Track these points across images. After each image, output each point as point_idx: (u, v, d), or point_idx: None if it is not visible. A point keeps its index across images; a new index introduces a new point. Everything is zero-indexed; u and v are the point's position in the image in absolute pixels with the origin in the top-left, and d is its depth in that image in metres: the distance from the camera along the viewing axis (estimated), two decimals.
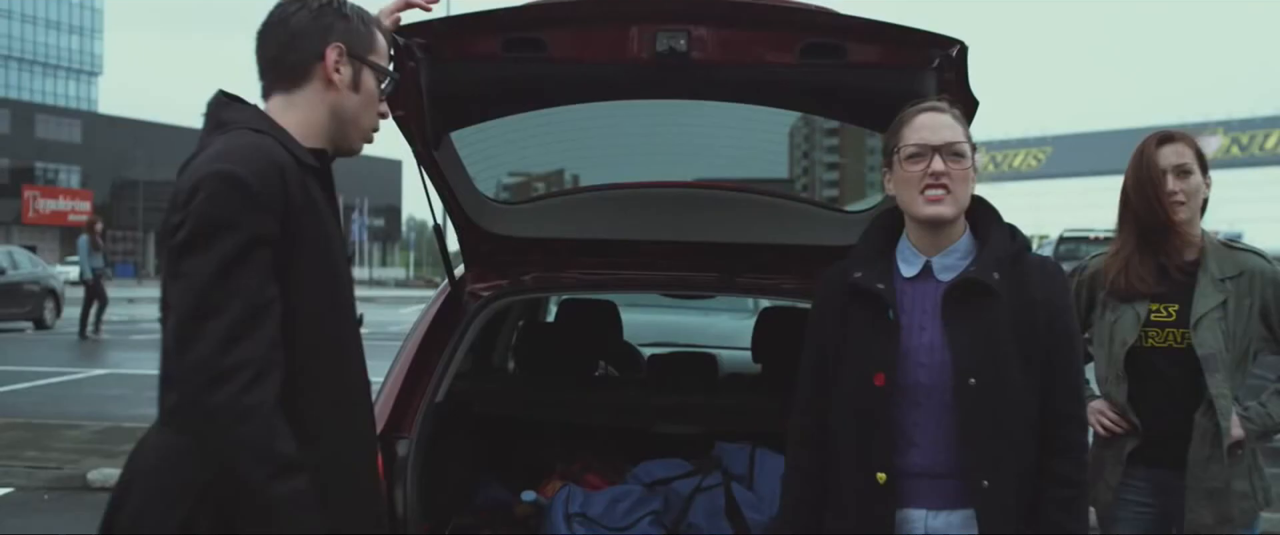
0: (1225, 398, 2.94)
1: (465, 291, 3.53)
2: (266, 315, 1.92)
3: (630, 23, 2.74)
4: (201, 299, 1.90)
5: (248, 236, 1.92)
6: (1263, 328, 3.04)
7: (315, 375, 2.04)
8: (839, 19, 2.72)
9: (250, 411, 1.87)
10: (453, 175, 3.36)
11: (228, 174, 1.93)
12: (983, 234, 2.39)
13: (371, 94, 2.19)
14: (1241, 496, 2.99)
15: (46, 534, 6.32)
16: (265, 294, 1.93)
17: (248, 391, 1.87)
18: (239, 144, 1.99)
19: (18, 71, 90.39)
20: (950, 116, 2.38)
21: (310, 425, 1.99)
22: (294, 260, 1.99)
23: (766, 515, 3.46)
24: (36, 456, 7.91)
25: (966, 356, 2.28)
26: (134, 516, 2.04)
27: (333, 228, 2.12)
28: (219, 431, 1.88)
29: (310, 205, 2.04)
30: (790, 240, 3.53)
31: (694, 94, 3.14)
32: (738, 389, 4.52)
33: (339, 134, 2.18)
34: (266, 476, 1.89)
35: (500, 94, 3.10)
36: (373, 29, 2.21)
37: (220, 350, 1.87)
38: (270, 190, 1.95)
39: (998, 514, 2.28)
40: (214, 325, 1.88)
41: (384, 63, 2.23)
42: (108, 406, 11.08)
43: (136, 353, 17.56)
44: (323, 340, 2.07)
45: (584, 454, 3.94)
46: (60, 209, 75.56)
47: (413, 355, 3.28)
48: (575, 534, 3.40)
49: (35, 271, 22.09)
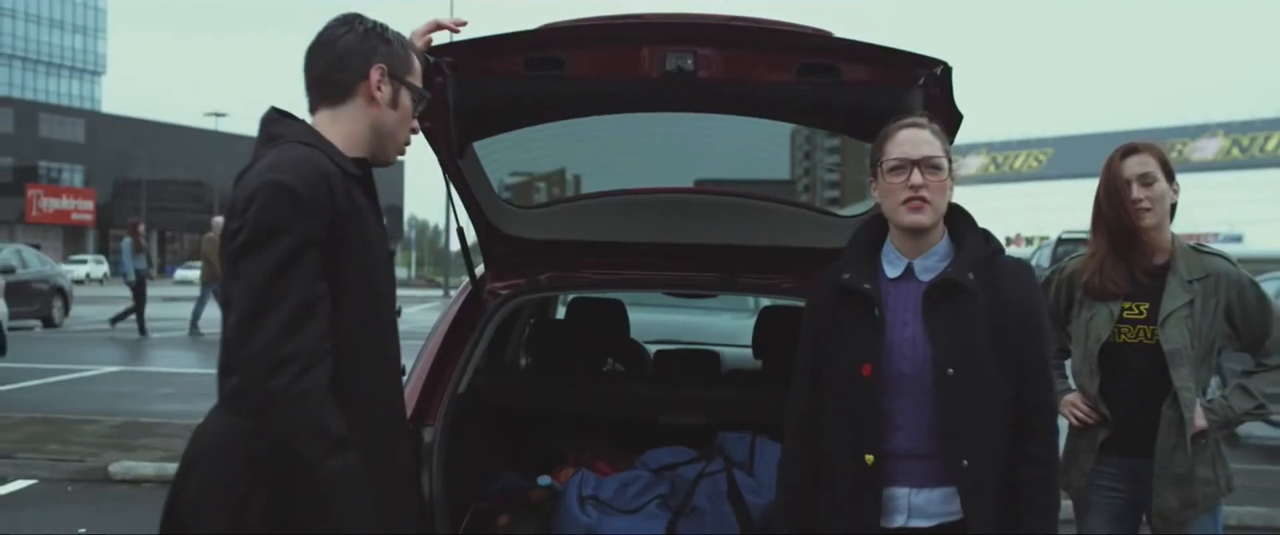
0: (1189, 390, 3.16)
1: (485, 290, 3.76)
2: (317, 310, 2.13)
3: (642, 44, 2.98)
4: (259, 296, 2.11)
5: (299, 240, 2.13)
6: (1226, 325, 3.26)
7: (359, 363, 2.25)
8: (832, 41, 2.96)
9: (304, 395, 2.08)
10: (475, 182, 3.60)
11: (280, 184, 2.14)
12: (959, 238, 2.61)
13: (407, 111, 2.41)
14: (1204, 483, 3.21)
15: (97, 531, 6.53)
16: (315, 291, 2.14)
17: (301, 378, 2.08)
18: (290, 157, 2.21)
19: (21, 71, 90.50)
20: (929, 132, 2.60)
21: (355, 408, 2.20)
22: (340, 261, 2.21)
23: (766, 499, 3.71)
24: (58, 450, 8.13)
25: (945, 349, 2.50)
26: (197, 492, 2.25)
27: (374, 231, 2.33)
28: (277, 413, 2.09)
29: (354, 211, 2.25)
30: (787, 242, 3.77)
31: (700, 108, 3.39)
32: (739, 383, 4.76)
33: (377, 147, 2.40)
34: (320, 453, 2.09)
35: (521, 108, 3.34)
36: (411, 53, 2.43)
37: (277, 341, 2.08)
38: (318, 198, 2.16)
39: (977, 490, 2.51)
40: (271, 319, 2.09)
41: (419, 84, 2.45)
42: (122, 402, 11.30)
43: (145, 350, 17.79)
44: (365, 332, 2.28)
45: (594, 443, 4.18)
46: (63, 208, 75.68)
47: (437, 349, 3.52)
48: (588, 515, 3.65)
49: (44, 270, 22.20)
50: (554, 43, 3.03)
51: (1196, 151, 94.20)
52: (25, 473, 7.63)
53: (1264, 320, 3.25)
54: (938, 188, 2.55)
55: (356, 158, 2.35)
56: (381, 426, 2.33)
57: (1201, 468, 3.21)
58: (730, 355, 5.22)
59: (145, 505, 6.93)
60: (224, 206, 14.54)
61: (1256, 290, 3.27)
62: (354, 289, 2.24)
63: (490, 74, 3.10)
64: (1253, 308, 3.25)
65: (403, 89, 2.38)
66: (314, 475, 2.10)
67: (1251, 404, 3.25)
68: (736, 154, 4.50)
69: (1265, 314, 3.25)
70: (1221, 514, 3.35)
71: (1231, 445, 10.88)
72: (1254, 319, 3.25)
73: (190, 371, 14.56)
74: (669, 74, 2.96)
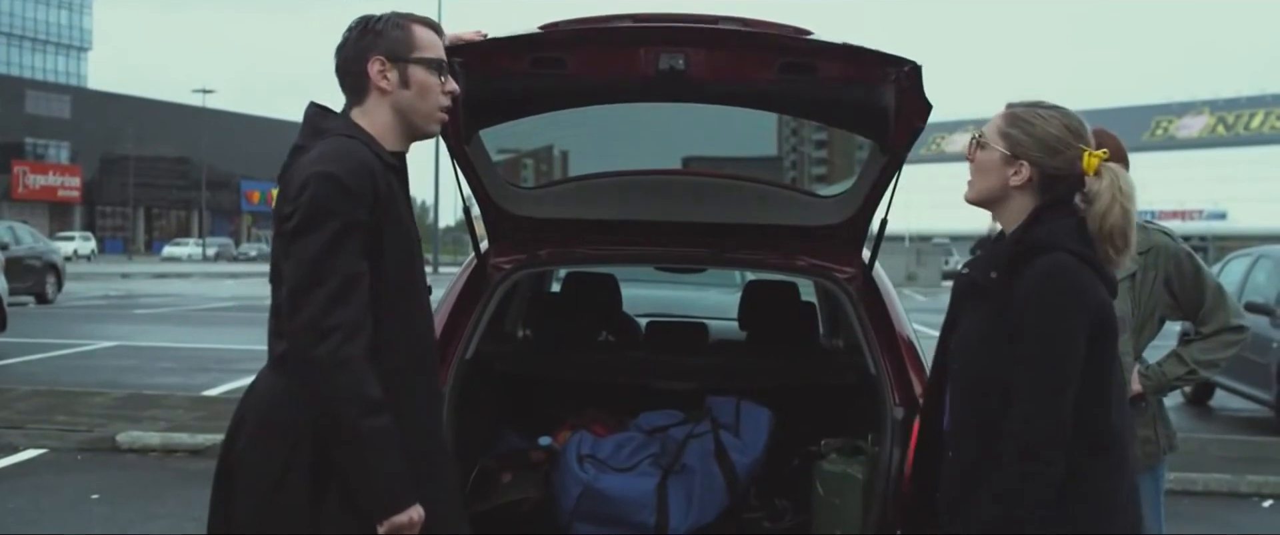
0: (1127, 355, 3.42)
1: (489, 264, 4.03)
2: (359, 286, 2.36)
3: (637, 46, 3.25)
4: (309, 272, 2.34)
5: (345, 223, 2.36)
6: (1167, 295, 3.54)
7: (396, 336, 2.47)
8: (810, 43, 3.22)
9: (345, 362, 2.31)
10: (481, 166, 3.86)
11: (329, 174, 2.38)
12: (1013, 232, 2.51)
13: (424, 82, 2.54)
14: (1145, 441, 3.49)
15: (109, 498, 6.76)
16: (357, 269, 2.37)
17: (343, 346, 2.31)
18: (336, 149, 2.44)
19: (6, 46, 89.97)
20: (1001, 113, 2.55)
21: (391, 377, 2.41)
22: (380, 243, 2.43)
23: (750, 457, 4.01)
24: (67, 420, 8.37)
25: (956, 344, 2.58)
26: (248, 445, 2.47)
27: (407, 216, 2.55)
28: (320, 378, 2.32)
29: (392, 198, 2.48)
30: (771, 221, 4.04)
31: (690, 100, 3.66)
32: (726, 352, 5.04)
33: (409, 124, 2.58)
34: (357, 414, 2.32)
35: (525, 101, 3.62)
36: (410, 30, 2.55)
37: (323, 313, 2.32)
38: (362, 186, 2.40)
39: (950, 482, 2.53)
40: (318, 293, 2.33)
41: (429, 53, 2.56)
42: (124, 376, 11.54)
43: (141, 325, 18.01)
44: (401, 308, 2.50)
45: (591, 407, 4.47)
46: (50, 184, 75.48)
47: (446, 318, 3.79)
48: (586, 472, 3.94)
49: (36, 246, 22.32)
50: (556, 44, 3.29)
51: (1182, 129, 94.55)
52: (36, 442, 7.85)
53: (1199, 290, 3.52)
54: (976, 164, 2.54)
55: (394, 150, 2.55)
56: (416, 394, 2.53)
57: (1142, 429, 3.48)
58: (717, 327, 5.50)
59: (153, 473, 7.21)
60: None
61: (1193, 262, 3.54)
62: (391, 269, 2.46)
63: (497, 71, 3.37)
64: (1189, 278, 3.52)
65: (410, 66, 2.53)
66: (352, 435, 2.32)
67: (1183, 370, 3.51)
68: (723, 133, 4.77)
69: (1200, 285, 3.53)
70: (1163, 472, 3.62)
71: (1205, 416, 11.28)
72: (1190, 289, 3.52)
73: (188, 346, 14.81)
74: (661, 72, 3.23)
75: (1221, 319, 3.51)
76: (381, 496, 2.35)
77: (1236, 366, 9.87)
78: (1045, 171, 2.47)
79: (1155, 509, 3.53)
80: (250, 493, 2.43)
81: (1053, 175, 2.47)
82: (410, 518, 2.36)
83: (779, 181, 4.84)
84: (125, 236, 79.71)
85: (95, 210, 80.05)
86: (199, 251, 68.28)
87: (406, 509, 2.36)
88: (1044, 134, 2.47)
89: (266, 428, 2.44)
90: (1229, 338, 3.52)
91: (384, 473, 2.34)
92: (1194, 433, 9.53)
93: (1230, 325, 3.51)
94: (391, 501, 2.35)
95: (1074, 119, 2.51)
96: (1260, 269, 10.64)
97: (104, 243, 73.42)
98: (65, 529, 5.92)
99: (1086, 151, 2.46)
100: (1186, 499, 7.07)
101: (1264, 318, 9.75)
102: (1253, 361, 9.69)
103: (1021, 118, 2.50)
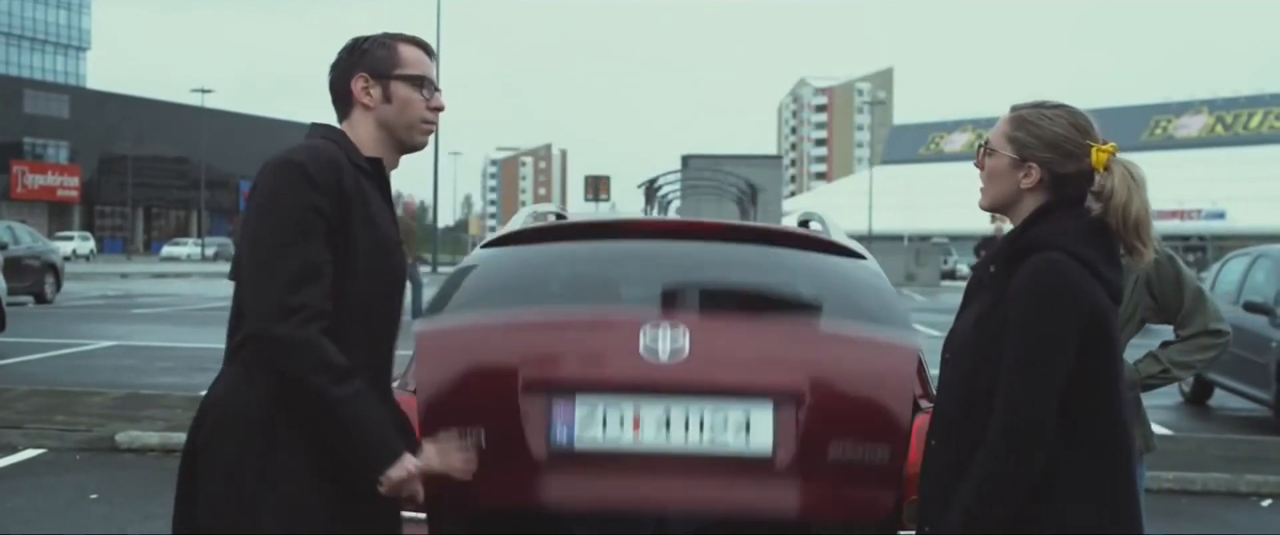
0: None
1: None
2: (321, 273, 2.40)
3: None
4: (271, 254, 2.39)
5: (307, 207, 2.40)
6: (1148, 297, 3.55)
7: (352, 334, 2.46)
8: None
9: (307, 339, 2.35)
10: None
11: (290, 160, 2.45)
12: (1014, 230, 2.54)
13: (405, 98, 2.60)
14: None
15: (107, 497, 6.76)
16: (320, 256, 2.41)
17: (306, 326, 2.35)
18: (305, 144, 2.52)
19: (5, 46, 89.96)
20: (1006, 117, 2.57)
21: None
22: (347, 238, 2.46)
23: None
24: (66, 420, 8.36)
25: (954, 338, 2.58)
26: (209, 435, 2.46)
27: (382, 220, 2.56)
28: (285, 354, 2.36)
29: (362, 196, 2.50)
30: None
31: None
32: None
33: (394, 137, 2.63)
34: (327, 382, 2.35)
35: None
36: (395, 49, 2.63)
37: (286, 292, 2.36)
38: (325, 176, 2.43)
39: (930, 471, 2.55)
40: (281, 275, 2.37)
41: (412, 70, 2.62)
42: (122, 375, 11.54)
43: (139, 325, 18.00)
44: (363, 308, 2.50)
45: None
46: (48, 184, 75.58)
47: None
48: None
49: (35, 246, 22.32)
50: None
51: (1180, 128, 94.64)
52: (34, 442, 7.84)
53: (1178, 294, 3.52)
54: (987, 171, 2.56)
55: (371, 156, 2.60)
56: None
57: None
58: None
59: (151, 473, 7.19)
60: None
61: (1173, 265, 3.54)
62: (361, 264, 2.48)
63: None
64: (1169, 281, 3.52)
65: (391, 83, 2.60)
66: (325, 403, 2.36)
67: (1157, 368, 3.51)
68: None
69: (1180, 288, 3.52)
70: (1143, 471, 3.58)
71: (1204, 416, 11.26)
72: (1169, 292, 3.52)
73: (186, 346, 14.81)
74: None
75: (1200, 323, 3.50)
76: (370, 456, 2.38)
77: (1235, 366, 9.89)
78: (1054, 171, 2.46)
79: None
80: (211, 482, 2.43)
81: (1062, 175, 2.46)
82: (406, 470, 2.39)
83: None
84: (124, 236, 79.78)
85: (94, 210, 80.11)
86: (198, 251, 68.34)
87: (398, 462, 2.39)
88: (1051, 134, 2.46)
89: (227, 416, 2.45)
90: (1207, 341, 3.51)
91: (367, 432, 2.38)
92: (1192, 432, 9.55)
93: (1208, 329, 3.50)
94: (382, 458, 2.38)
95: (1081, 116, 2.50)
96: (1259, 269, 10.63)
97: (103, 242, 73.47)
98: (64, 528, 5.91)
99: (1094, 147, 2.45)
100: (1185, 498, 7.08)
101: (1262, 317, 9.75)
102: (1251, 361, 9.69)
103: (1027, 119, 2.49)
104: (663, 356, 3.12)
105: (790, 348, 3.29)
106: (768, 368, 3.16)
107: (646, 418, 3.10)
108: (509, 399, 3.12)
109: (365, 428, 2.38)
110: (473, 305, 3.54)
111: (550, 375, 3.17)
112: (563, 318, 3.43)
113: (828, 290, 3.66)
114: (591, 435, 3.10)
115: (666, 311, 3.33)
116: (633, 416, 3.10)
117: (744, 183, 26.95)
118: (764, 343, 3.27)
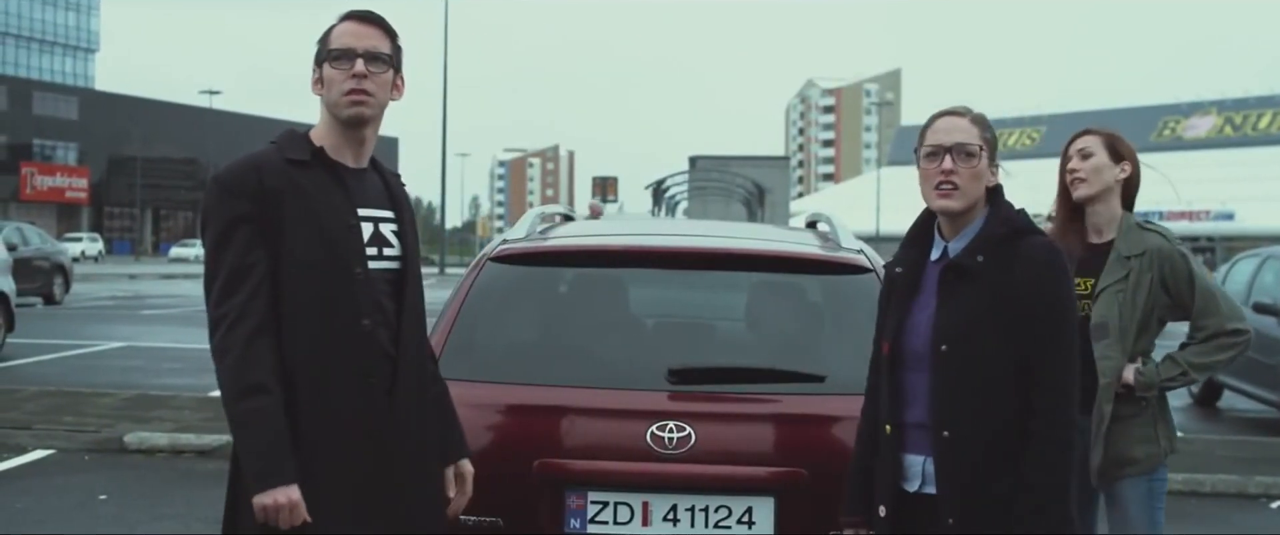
0: (1106, 360, 3.42)
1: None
2: (248, 275, 2.50)
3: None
4: (207, 268, 2.56)
5: (228, 219, 2.53)
6: (1165, 297, 3.52)
7: (305, 315, 2.53)
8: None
9: (226, 349, 2.47)
10: None
11: (214, 179, 2.59)
12: (989, 219, 2.70)
13: (330, 77, 2.63)
14: (1145, 441, 3.46)
15: (117, 498, 6.77)
16: (246, 260, 2.51)
17: (228, 334, 2.48)
18: (236, 160, 2.61)
19: (15, 48, 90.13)
20: (968, 120, 2.71)
21: (300, 355, 2.52)
22: (279, 230, 2.53)
23: None
24: (74, 421, 8.39)
25: (944, 327, 2.66)
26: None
27: (323, 205, 2.57)
28: (216, 364, 2.50)
29: (294, 190, 2.55)
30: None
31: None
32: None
33: (335, 119, 2.64)
34: (231, 397, 2.46)
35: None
36: (330, 32, 2.67)
37: (215, 305, 2.52)
38: (241, 183, 2.54)
39: (952, 461, 2.64)
40: (213, 287, 2.53)
41: (334, 45, 2.63)
42: (131, 376, 11.57)
43: (148, 326, 18.05)
44: (311, 289, 2.55)
45: None
46: (58, 185, 75.68)
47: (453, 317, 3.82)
48: None
49: (44, 247, 22.35)
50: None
51: (1189, 129, 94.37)
52: (44, 443, 7.87)
53: (1191, 293, 3.50)
54: (969, 174, 2.65)
55: (316, 147, 2.64)
56: (325, 372, 2.55)
57: (1141, 429, 3.46)
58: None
59: (160, 473, 7.23)
60: None
61: (1187, 264, 3.52)
62: (300, 251, 2.54)
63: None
64: (1183, 280, 3.50)
65: (324, 66, 2.65)
66: (229, 416, 2.48)
67: (1176, 371, 3.48)
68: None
69: (1192, 287, 3.50)
70: (1162, 480, 3.54)
71: (1213, 417, 11.25)
72: (1183, 291, 3.50)
73: (195, 347, 14.81)
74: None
75: (1215, 323, 3.47)
76: (252, 475, 2.46)
77: (1244, 368, 9.84)
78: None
79: (1152, 511, 3.50)
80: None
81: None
82: (276, 499, 2.44)
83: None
84: (133, 237, 79.87)
85: (103, 211, 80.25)
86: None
87: (273, 489, 2.44)
88: (993, 130, 2.81)
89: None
90: (1225, 341, 3.48)
91: (253, 453, 2.46)
92: (1202, 434, 9.53)
93: (1226, 329, 3.47)
94: (259, 481, 2.45)
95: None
96: (1268, 270, 10.58)
97: (112, 244, 73.58)
98: (73, 529, 5.93)
99: None
100: (1193, 500, 7.07)
101: (1272, 318, 9.71)
102: (1260, 363, 9.65)
103: (984, 119, 2.80)
104: (669, 448, 3.22)
105: (792, 434, 3.34)
106: (770, 458, 3.26)
107: (655, 510, 3.23)
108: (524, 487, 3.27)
109: (253, 446, 2.47)
110: (487, 361, 3.58)
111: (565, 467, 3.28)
112: (576, 403, 3.41)
113: (831, 334, 3.73)
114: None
115: (673, 397, 3.34)
116: (641, 508, 3.23)
117: (751, 184, 26.93)
118: (765, 431, 3.34)
